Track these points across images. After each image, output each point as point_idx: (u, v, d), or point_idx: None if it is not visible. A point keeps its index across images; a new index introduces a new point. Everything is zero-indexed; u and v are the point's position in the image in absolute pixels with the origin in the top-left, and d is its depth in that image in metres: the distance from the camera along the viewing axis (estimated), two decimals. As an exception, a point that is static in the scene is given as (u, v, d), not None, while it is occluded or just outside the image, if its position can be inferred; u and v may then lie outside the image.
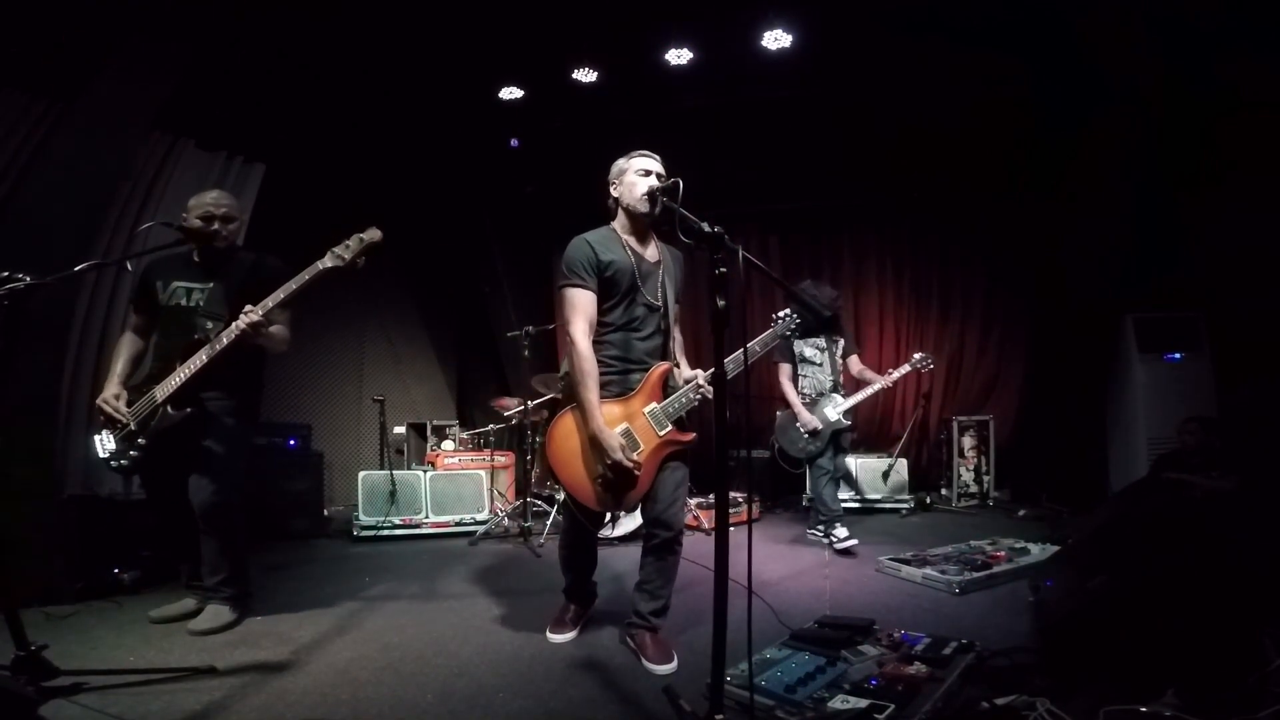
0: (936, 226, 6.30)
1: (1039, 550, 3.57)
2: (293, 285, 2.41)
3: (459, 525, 4.53)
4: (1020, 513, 5.15)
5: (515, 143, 5.60)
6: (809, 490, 4.82)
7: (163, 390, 2.48)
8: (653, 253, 2.41)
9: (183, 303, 2.63)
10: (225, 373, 2.52)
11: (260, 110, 4.40)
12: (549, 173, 5.95)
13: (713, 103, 5.03)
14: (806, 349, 4.21)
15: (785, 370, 4.22)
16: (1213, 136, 4.46)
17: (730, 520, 1.70)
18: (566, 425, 2.26)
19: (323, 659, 2.32)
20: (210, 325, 2.54)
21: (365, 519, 4.41)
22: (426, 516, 4.53)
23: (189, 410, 2.51)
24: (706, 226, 1.67)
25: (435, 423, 5.78)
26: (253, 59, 4.05)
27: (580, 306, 2.27)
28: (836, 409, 4.08)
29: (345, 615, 2.81)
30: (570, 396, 2.27)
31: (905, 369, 4.19)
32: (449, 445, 5.54)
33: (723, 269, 1.62)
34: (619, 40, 4.53)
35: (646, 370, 2.33)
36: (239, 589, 2.68)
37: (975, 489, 5.59)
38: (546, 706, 1.97)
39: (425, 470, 4.79)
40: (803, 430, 4.07)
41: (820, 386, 4.18)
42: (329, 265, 2.38)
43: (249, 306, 2.40)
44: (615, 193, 2.38)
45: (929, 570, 3.22)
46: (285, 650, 2.39)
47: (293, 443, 4.63)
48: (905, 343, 6.27)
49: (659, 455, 2.29)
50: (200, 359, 2.45)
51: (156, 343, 2.70)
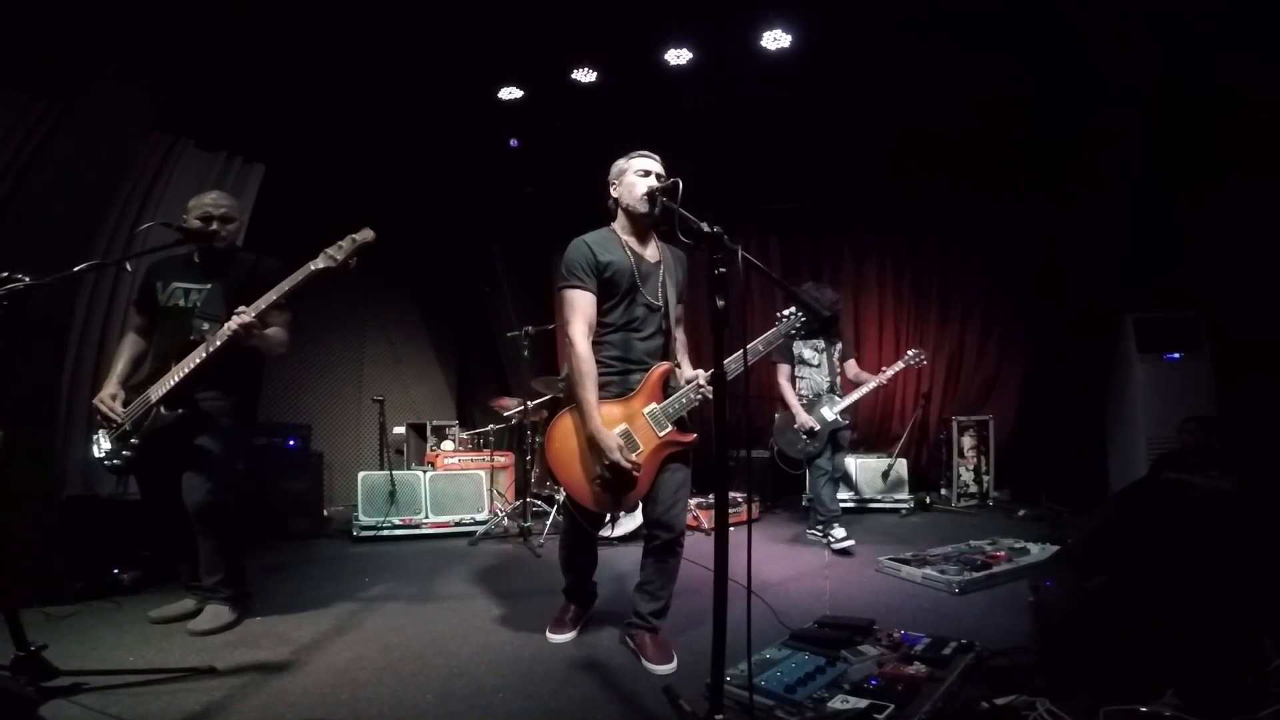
0: (936, 226, 6.29)
1: (1039, 550, 3.57)
2: (285, 286, 2.40)
3: (459, 525, 4.53)
4: (1020, 513, 5.15)
5: (515, 143, 5.60)
6: (809, 490, 4.83)
7: (157, 390, 2.48)
8: (653, 253, 2.41)
9: (181, 303, 2.63)
10: (221, 373, 2.52)
11: (260, 110, 4.40)
12: (549, 173, 5.95)
13: (712, 103, 5.03)
14: (805, 351, 4.22)
15: (784, 371, 4.22)
16: (1213, 136, 4.46)
17: (730, 520, 1.69)
18: (566, 426, 2.26)
19: (322, 659, 2.33)
20: (207, 326, 2.53)
21: (365, 519, 4.41)
22: (426, 517, 4.53)
23: (181, 411, 2.50)
24: (706, 226, 1.67)
25: (435, 423, 5.78)
26: (253, 59, 4.05)
27: (579, 307, 2.27)
28: (834, 408, 4.10)
29: (345, 615, 2.81)
30: (570, 397, 2.27)
31: (899, 366, 4.23)
32: (449, 445, 5.54)
33: (722, 269, 1.61)
34: (619, 40, 4.53)
35: (647, 371, 2.33)
36: (237, 589, 2.69)
37: (975, 489, 5.59)
38: (546, 706, 1.97)
39: (425, 470, 4.79)
40: (800, 431, 4.08)
41: (818, 388, 4.19)
42: (321, 266, 2.38)
43: (241, 307, 2.39)
44: (615, 193, 2.38)
45: (929, 570, 3.22)
46: (285, 650, 2.39)
47: (292, 443, 4.62)
48: (905, 342, 6.25)
49: (659, 456, 2.29)
50: (195, 360, 2.44)
51: (155, 343, 2.69)
